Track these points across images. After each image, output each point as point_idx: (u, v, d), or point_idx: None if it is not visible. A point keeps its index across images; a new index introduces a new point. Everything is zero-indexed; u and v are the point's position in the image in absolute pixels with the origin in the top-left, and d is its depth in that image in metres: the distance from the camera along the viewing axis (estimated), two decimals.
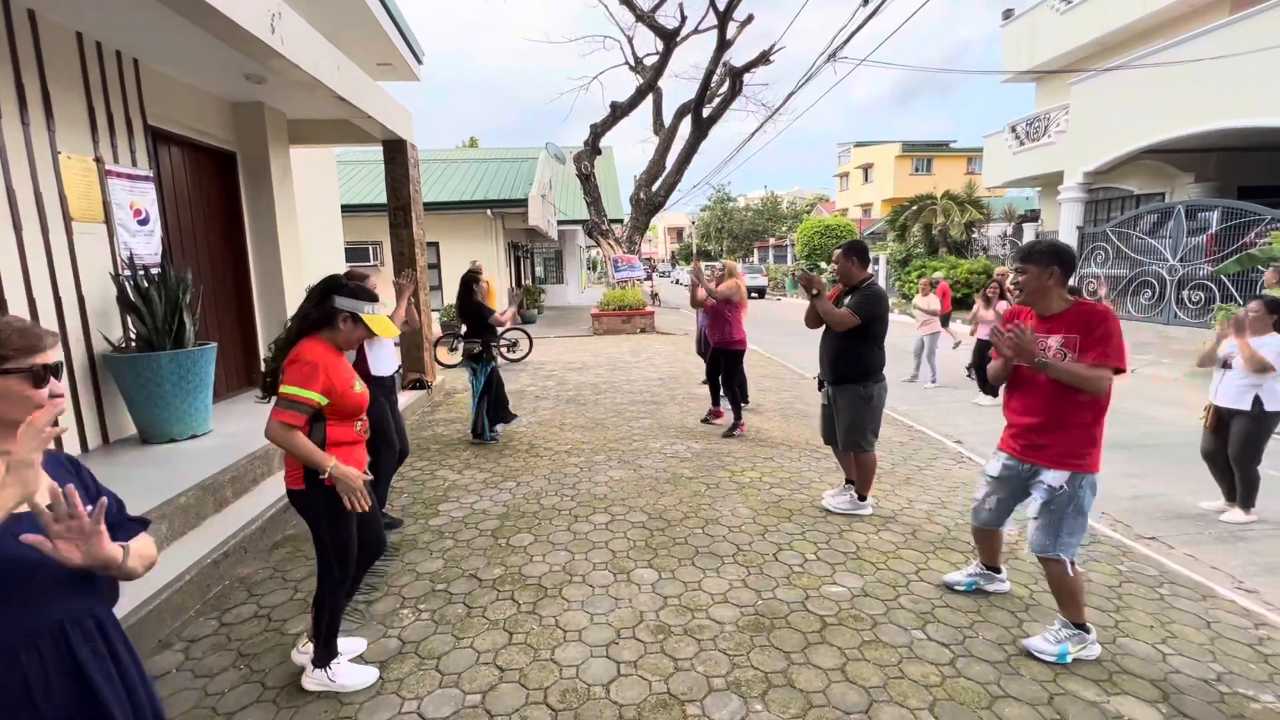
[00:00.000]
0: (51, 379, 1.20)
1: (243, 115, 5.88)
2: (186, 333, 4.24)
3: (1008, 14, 16.81)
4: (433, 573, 3.23)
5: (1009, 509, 2.73)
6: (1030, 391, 2.50)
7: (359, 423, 2.32)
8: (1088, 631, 2.49)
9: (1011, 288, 2.79)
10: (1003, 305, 6.51)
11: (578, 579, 3.14)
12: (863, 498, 3.91)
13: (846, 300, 3.74)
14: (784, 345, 11.28)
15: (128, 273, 4.23)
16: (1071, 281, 2.53)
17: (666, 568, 3.24)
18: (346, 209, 11.48)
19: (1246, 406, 3.81)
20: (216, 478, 3.64)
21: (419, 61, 8.93)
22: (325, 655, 2.34)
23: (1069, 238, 13.31)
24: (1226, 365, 3.90)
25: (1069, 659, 2.43)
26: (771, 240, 43.12)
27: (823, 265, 23.58)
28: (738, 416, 5.70)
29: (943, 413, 6.80)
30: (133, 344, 4.24)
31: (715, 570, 3.21)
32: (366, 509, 2.24)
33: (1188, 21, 12.02)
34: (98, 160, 4.21)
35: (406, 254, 7.02)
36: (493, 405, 5.65)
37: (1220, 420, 3.96)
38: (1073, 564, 2.46)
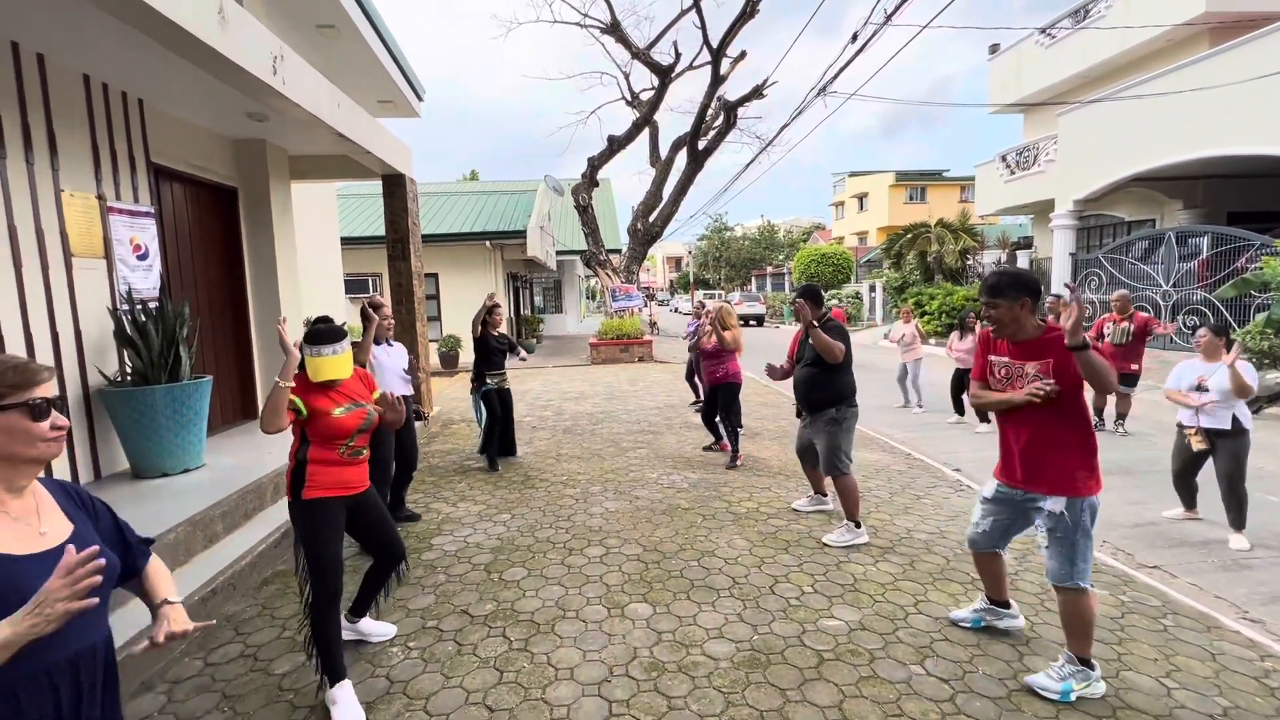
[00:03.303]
0: (54, 412, 1.21)
1: (245, 152, 5.99)
2: (182, 366, 4.24)
3: (994, 48, 17.29)
4: (423, 609, 3.17)
5: (1004, 534, 2.71)
6: (1022, 418, 2.50)
7: (342, 447, 2.45)
8: (1092, 668, 2.43)
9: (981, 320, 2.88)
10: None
11: (571, 614, 3.08)
12: (856, 524, 3.89)
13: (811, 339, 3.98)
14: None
15: (125, 307, 4.26)
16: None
17: (661, 602, 3.19)
18: (346, 241, 11.63)
19: (1227, 426, 3.93)
20: (207, 513, 3.60)
21: (420, 99, 9.16)
22: (325, 677, 2.37)
23: (1062, 264, 13.46)
24: (1203, 388, 3.97)
25: (1073, 697, 2.37)
26: (769, 268, 43.54)
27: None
28: (735, 448, 5.68)
29: (940, 440, 6.77)
30: (128, 378, 4.24)
31: (711, 604, 3.16)
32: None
33: (1167, 55, 12.36)
34: (100, 197, 4.28)
35: (404, 285, 7.08)
36: (500, 433, 5.75)
37: (1211, 442, 4.03)
38: (1091, 589, 2.44)
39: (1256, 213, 11.96)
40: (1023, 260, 15.66)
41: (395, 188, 6.94)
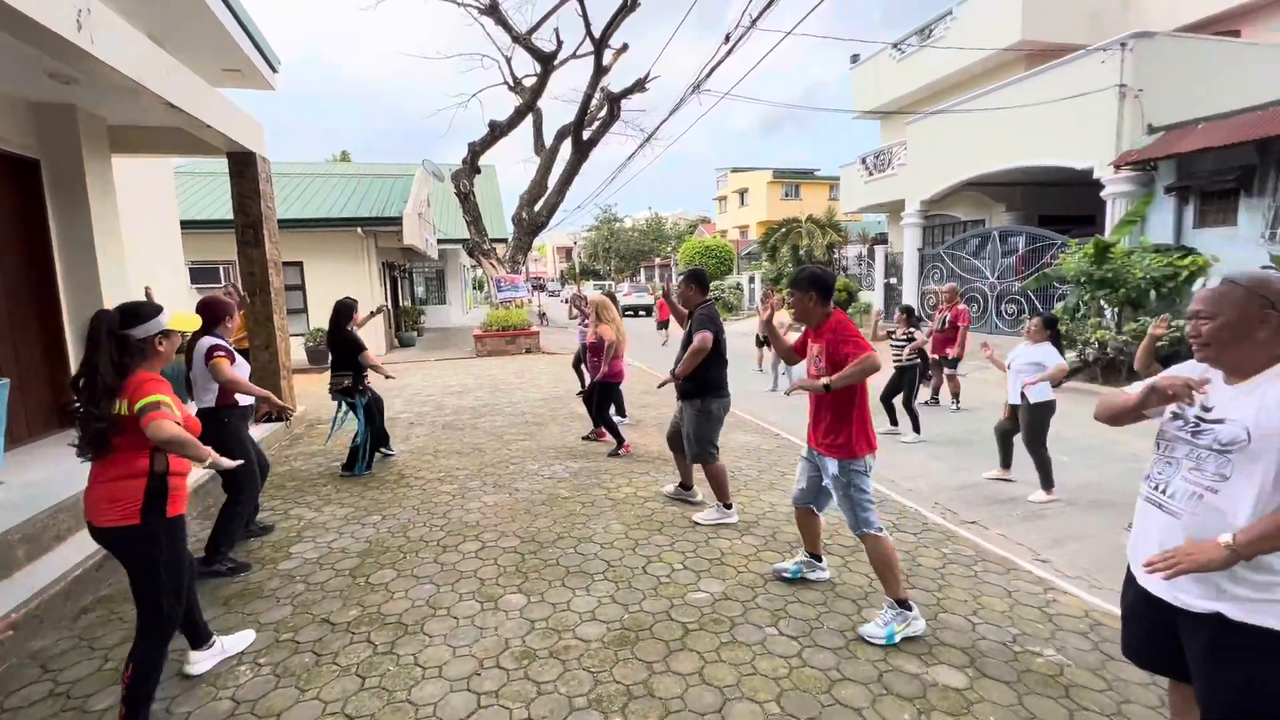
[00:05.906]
0: None
1: (48, 118, 5.17)
2: None
3: (855, 58, 18.75)
4: (277, 622, 2.96)
5: (815, 491, 3.10)
6: (811, 397, 2.97)
7: None
8: (909, 609, 2.80)
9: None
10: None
11: (441, 612, 3.02)
12: (727, 506, 4.11)
13: (689, 328, 4.11)
14: (667, 362, 11.62)
15: None
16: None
17: (536, 591, 3.21)
18: (190, 225, 10.39)
19: (1017, 400, 4.69)
20: (4, 537, 3.11)
21: (274, 69, 8.34)
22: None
23: (912, 258, 14.96)
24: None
25: (896, 639, 2.72)
26: (657, 260, 44.43)
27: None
28: (619, 440, 5.76)
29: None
30: None
31: (585, 589, 3.23)
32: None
33: (994, 75, 14.07)
34: None
35: (259, 275, 6.47)
36: (375, 435, 5.37)
37: (1012, 411, 4.86)
38: (881, 531, 2.82)
39: (1062, 216, 14.00)
40: (879, 255, 17.20)
41: (244, 167, 6.31)
